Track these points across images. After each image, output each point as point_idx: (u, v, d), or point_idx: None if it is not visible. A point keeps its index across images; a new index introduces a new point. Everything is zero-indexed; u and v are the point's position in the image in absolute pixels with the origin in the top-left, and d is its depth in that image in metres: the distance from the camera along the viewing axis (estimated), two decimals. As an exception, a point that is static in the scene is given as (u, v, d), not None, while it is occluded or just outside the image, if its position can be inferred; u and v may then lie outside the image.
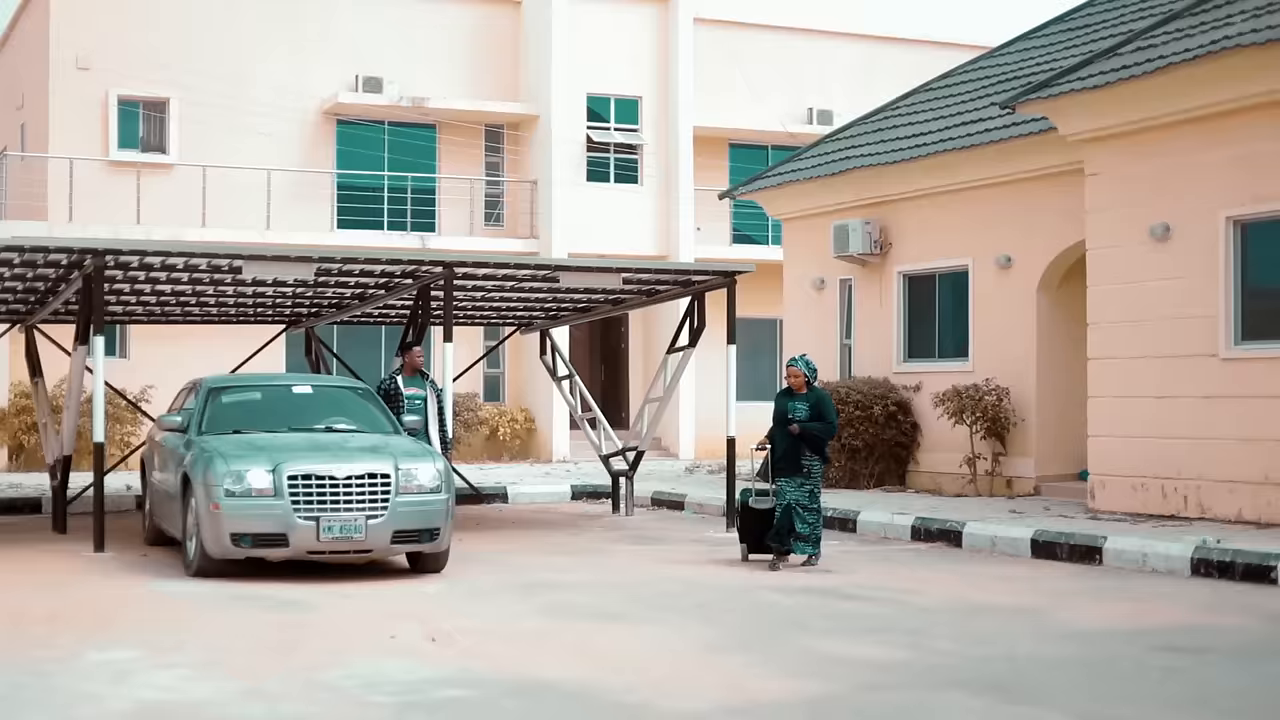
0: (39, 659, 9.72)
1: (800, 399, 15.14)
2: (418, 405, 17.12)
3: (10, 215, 30.31)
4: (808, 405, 15.08)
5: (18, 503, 21.01)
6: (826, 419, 15.13)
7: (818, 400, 15.18)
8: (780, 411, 15.17)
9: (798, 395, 15.18)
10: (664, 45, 33.87)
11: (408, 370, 17.38)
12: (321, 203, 32.23)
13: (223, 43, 31.45)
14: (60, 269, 16.79)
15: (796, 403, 15.11)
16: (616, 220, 33.32)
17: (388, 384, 17.35)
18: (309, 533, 13.44)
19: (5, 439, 27.99)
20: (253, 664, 9.65)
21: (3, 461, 28.25)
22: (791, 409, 15.07)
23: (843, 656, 10.00)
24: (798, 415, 15.00)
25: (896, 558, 15.78)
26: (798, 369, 15.26)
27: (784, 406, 15.17)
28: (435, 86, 33.01)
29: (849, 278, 24.07)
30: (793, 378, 15.27)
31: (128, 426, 26.79)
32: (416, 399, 17.18)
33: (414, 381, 17.39)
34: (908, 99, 25.52)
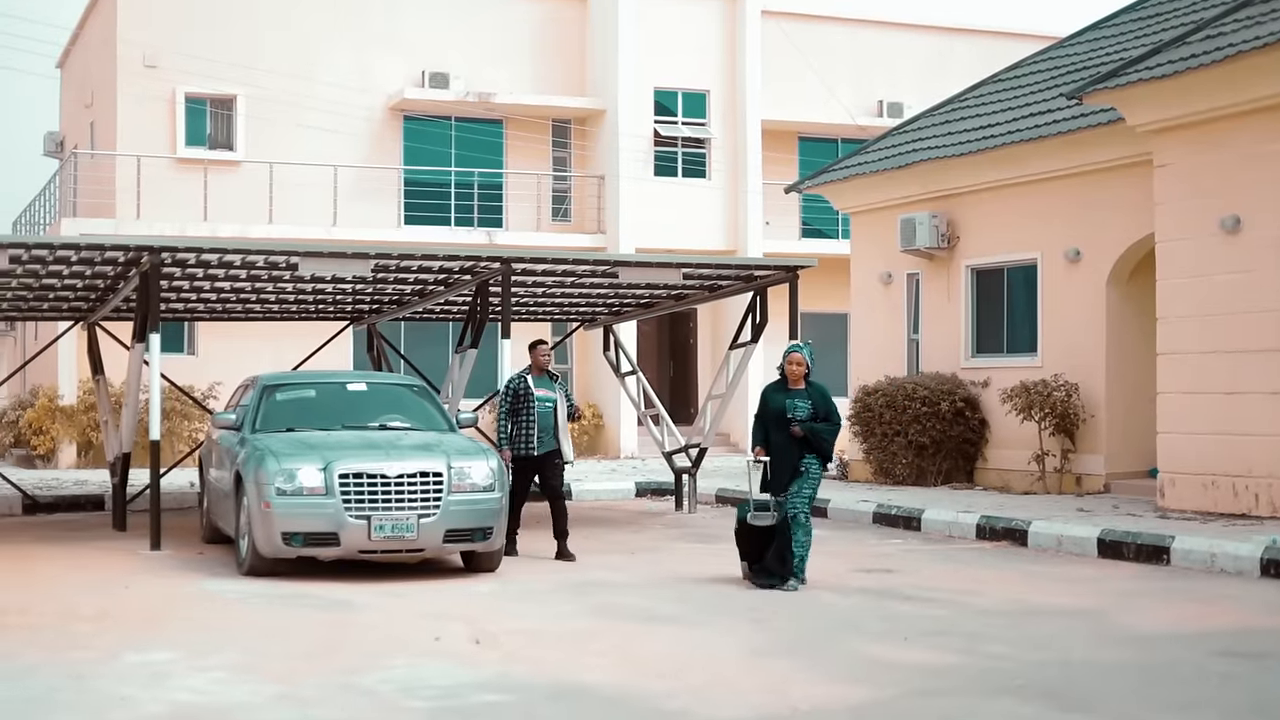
0: (78, 660, 9.69)
1: (799, 395, 13.20)
2: (547, 409, 15.53)
3: (80, 213, 30.50)
4: (810, 402, 13.16)
5: (81, 500, 21.09)
6: (832, 418, 13.23)
7: (821, 396, 13.27)
8: (776, 410, 13.19)
9: (796, 391, 13.25)
10: (731, 38, 33.63)
11: (536, 369, 15.75)
12: (388, 199, 32.26)
13: (289, 40, 31.58)
14: (118, 267, 16.82)
15: (796, 399, 13.17)
16: (684, 215, 33.14)
17: (517, 383, 15.65)
18: (360, 532, 13.33)
19: (74, 435, 28.19)
20: (291, 666, 9.56)
21: (71, 458, 28.46)
22: (791, 407, 13.11)
23: (893, 661, 9.79)
24: (799, 414, 13.08)
25: (959, 557, 15.52)
26: (801, 356, 13.31)
27: (780, 404, 13.18)
28: (502, 81, 33.00)
29: (916, 272, 23.83)
30: (793, 367, 13.26)
31: (195, 423, 26.90)
32: (546, 402, 15.56)
33: (544, 382, 15.73)
34: (976, 90, 25.22)
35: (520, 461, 15.36)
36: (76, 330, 21.89)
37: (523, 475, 15.48)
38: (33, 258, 16.08)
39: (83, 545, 16.49)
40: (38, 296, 18.98)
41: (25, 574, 14.07)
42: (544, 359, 15.82)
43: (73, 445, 28.49)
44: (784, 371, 13.37)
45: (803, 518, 13.10)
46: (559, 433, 15.53)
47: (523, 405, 15.45)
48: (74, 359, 27.71)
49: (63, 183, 32.06)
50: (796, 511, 13.11)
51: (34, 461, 28.42)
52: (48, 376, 30.15)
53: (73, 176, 31.37)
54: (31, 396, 29.93)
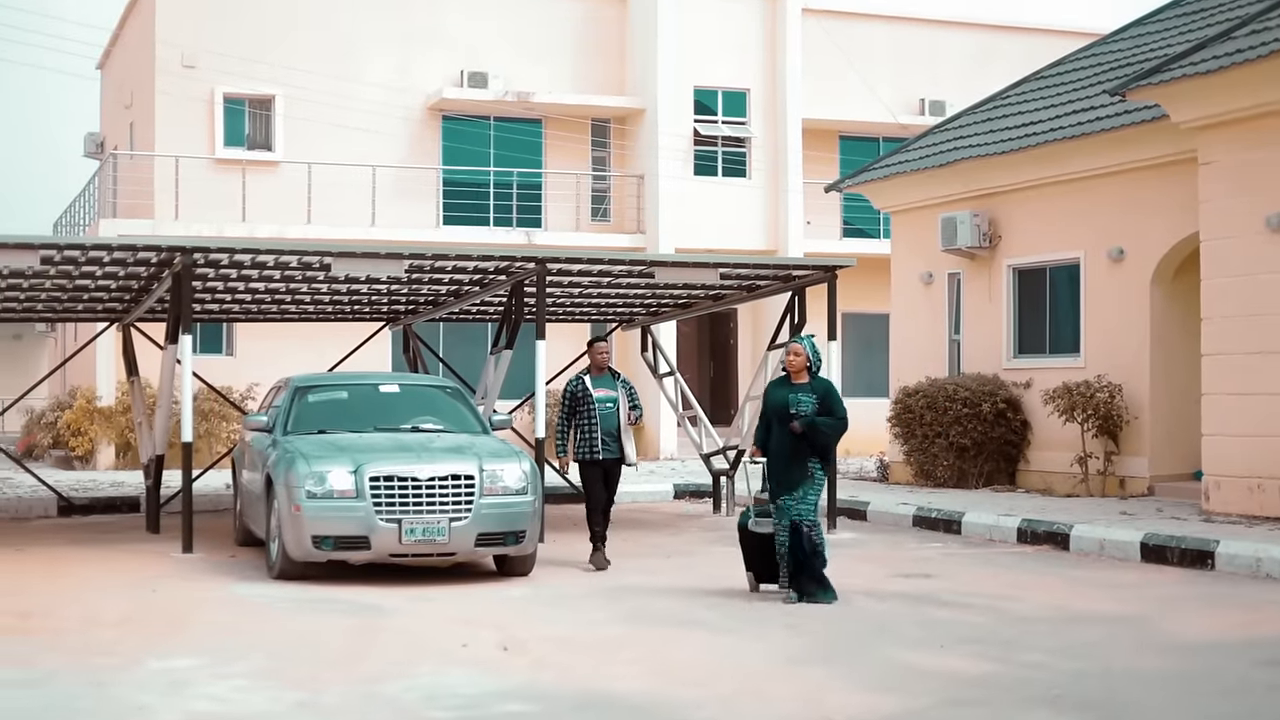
0: (99, 666, 9.60)
1: (803, 389, 12.53)
2: (609, 410, 14.81)
3: (120, 214, 30.53)
4: (814, 398, 12.49)
5: (117, 502, 21.06)
6: (836, 413, 12.53)
7: (825, 391, 12.57)
8: (778, 405, 12.53)
9: (799, 385, 12.61)
10: (772, 36, 33.42)
11: (594, 369, 15.08)
12: (427, 199, 32.17)
13: (327, 40, 31.53)
14: (151, 268, 16.77)
15: (799, 394, 12.50)
16: (724, 214, 32.94)
17: (575, 386, 14.93)
18: (391, 535, 13.21)
19: (112, 437, 28.19)
20: (315, 674, 9.44)
21: (110, 459, 28.46)
22: (793, 402, 12.45)
23: (929, 669, 9.62)
24: (802, 409, 12.41)
25: (1000, 561, 15.31)
26: (801, 348, 12.64)
27: (782, 399, 12.53)
28: (541, 81, 32.88)
29: (957, 271, 23.58)
30: (792, 358, 12.61)
31: (233, 424, 26.86)
32: (608, 403, 14.80)
33: (604, 381, 14.98)
34: (1018, 88, 24.97)
35: (586, 467, 14.83)
36: (114, 331, 21.86)
37: (592, 479, 14.85)
38: (65, 259, 16.03)
39: (114, 548, 16.44)
40: (72, 297, 18.94)
41: (54, 577, 14.03)
42: (601, 357, 15.12)
43: (111, 446, 28.49)
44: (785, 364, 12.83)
45: (806, 527, 12.44)
46: (620, 434, 14.84)
47: (582, 408, 14.77)
48: (112, 360, 27.70)
49: (102, 183, 32.09)
50: (802, 519, 12.43)
51: (72, 463, 28.43)
52: (86, 378, 30.18)
53: (112, 177, 31.38)
54: (70, 398, 29.95)
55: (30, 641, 10.51)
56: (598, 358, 15.07)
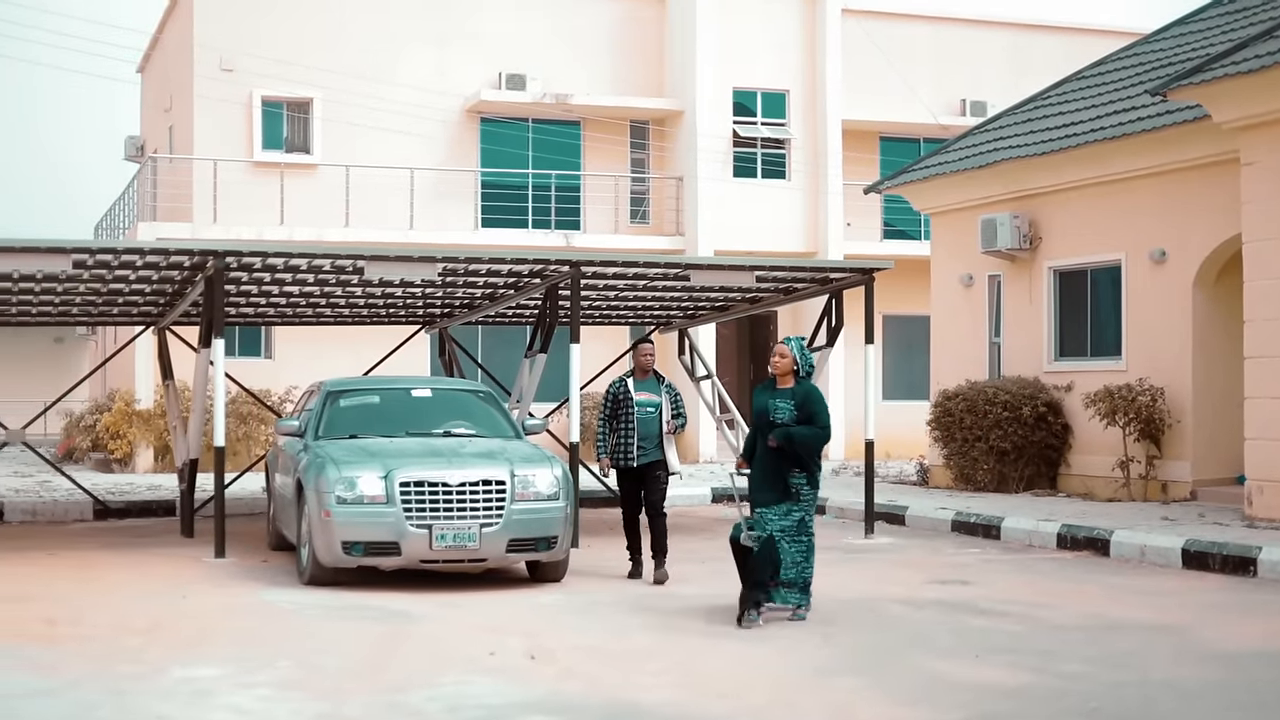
0: (122, 675, 9.52)
1: (783, 394, 11.72)
2: (649, 415, 14.24)
3: (159, 217, 30.56)
4: (792, 403, 11.65)
5: (153, 505, 21.05)
6: (816, 421, 11.67)
7: (805, 397, 11.68)
8: (759, 412, 11.81)
9: (780, 391, 11.78)
10: (811, 37, 33.21)
11: (639, 371, 14.48)
12: (465, 202, 32.09)
13: (365, 42, 31.48)
14: (185, 271, 16.74)
15: (778, 400, 11.71)
16: (764, 217, 32.73)
17: (617, 388, 14.40)
18: (421, 541, 13.11)
19: (151, 440, 28.21)
20: (339, 683, 9.34)
21: (149, 462, 28.48)
22: (772, 408, 11.69)
23: (962, 680, 9.46)
24: (780, 416, 11.64)
25: (1038, 568, 15.13)
26: (787, 349, 11.84)
27: (763, 404, 11.79)
28: (579, 83, 32.76)
29: (998, 273, 23.40)
30: (779, 359, 11.83)
31: (271, 428, 26.83)
32: (648, 407, 14.23)
33: (647, 385, 14.36)
34: (1059, 88, 24.76)
35: (620, 473, 14.43)
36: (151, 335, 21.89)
37: (626, 486, 14.41)
38: (98, 263, 16.00)
39: (147, 552, 16.40)
40: (107, 301, 18.95)
41: (85, 582, 13.98)
42: (645, 359, 14.48)
43: (150, 450, 28.51)
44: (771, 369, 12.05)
45: (787, 543, 11.67)
46: (664, 441, 14.30)
47: (622, 411, 14.28)
48: (150, 363, 27.72)
49: (141, 187, 32.13)
50: (782, 536, 11.66)
51: (111, 466, 28.48)
52: (126, 380, 30.22)
53: (151, 180, 31.43)
54: (109, 400, 30.00)
55: (55, 648, 10.43)
56: (642, 359, 14.52)
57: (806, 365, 11.86)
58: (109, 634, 11.03)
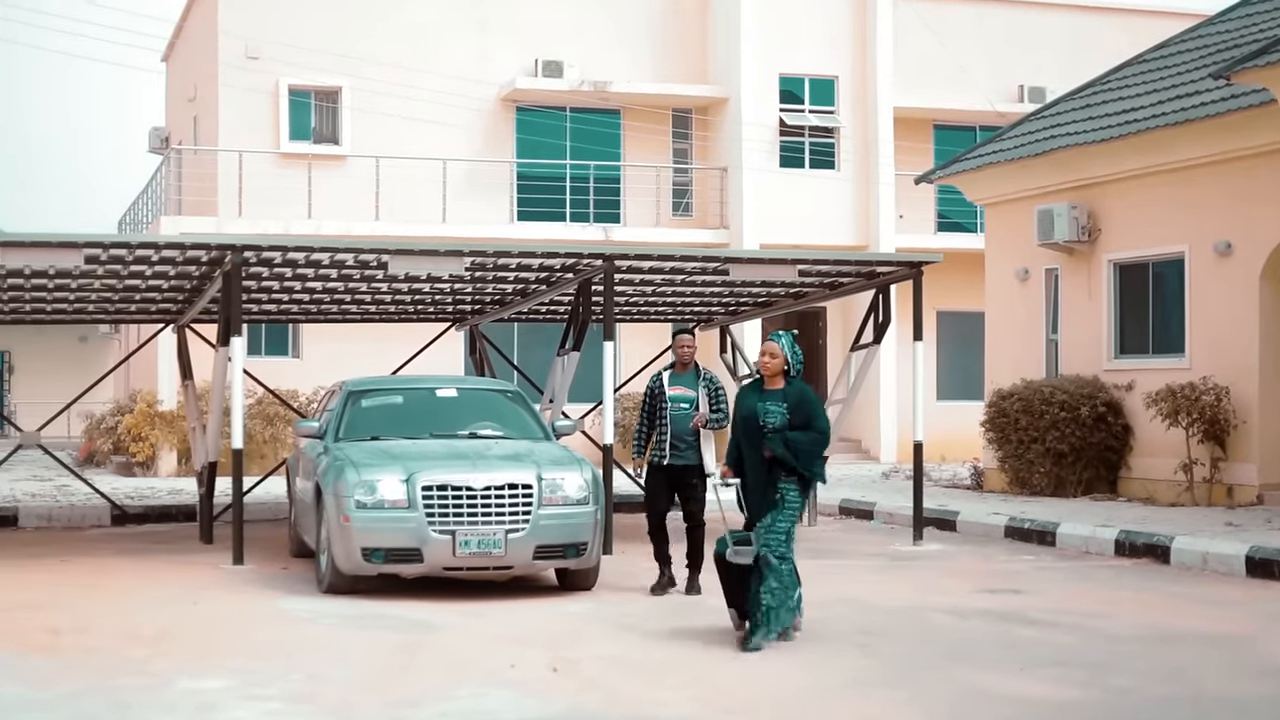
0: (125, 686, 9.24)
1: (773, 396, 10.88)
2: (683, 411, 13.21)
3: (184, 210, 30.23)
4: (784, 406, 10.80)
5: (172, 510, 20.73)
6: (814, 426, 10.86)
7: (799, 398, 10.87)
8: (746, 415, 10.91)
9: (770, 392, 10.95)
10: (861, 21, 32.58)
11: (678, 365, 13.48)
12: (500, 194, 31.61)
13: (395, 29, 31.01)
14: (203, 266, 16.34)
15: (768, 402, 10.84)
16: (812, 209, 32.15)
17: (654, 383, 13.42)
18: (444, 547, 12.66)
19: (174, 442, 27.83)
20: (350, 696, 9.03)
21: (171, 466, 28.10)
22: (761, 411, 10.81)
23: (1005, 694, 9.10)
24: (770, 421, 10.78)
25: (1094, 576, 14.66)
26: (777, 347, 10.95)
27: (751, 407, 10.88)
28: (618, 69, 32.20)
29: (1055, 267, 22.87)
30: (769, 359, 10.96)
31: (299, 429, 26.44)
32: (682, 403, 13.22)
33: (683, 379, 13.36)
34: (1118, 72, 24.17)
35: (651, 472, 13.50)
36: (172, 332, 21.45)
37: (656, 487, 13.37)
38: (111, 258, 15.61)
39: (162, 559, 16.04)
40: (124, 298, 18.63)
41: (96, 589, 13.64)
42: (683, 350, 13.42)
43: (173, 452, 28.17)
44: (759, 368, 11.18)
45: (775, 559, 10.72)
46: (702, 439, 13.23)
47: (659, 408, 13.29)
48: (172, 363, 27.31)
49: (165, 179, 31.80)
50: (767, 552, 10.69)
51: (133, 469, 28.12)
52: (148, 381, 29.85)
53: (176, 173, 31.11)
54: (131, 402, 29.61)
55: (57, 659, 10.17)
56: (679, 351, 13.48)
57: (797, 363, 10.99)
58: (115, 644, 10.76)
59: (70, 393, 23.41)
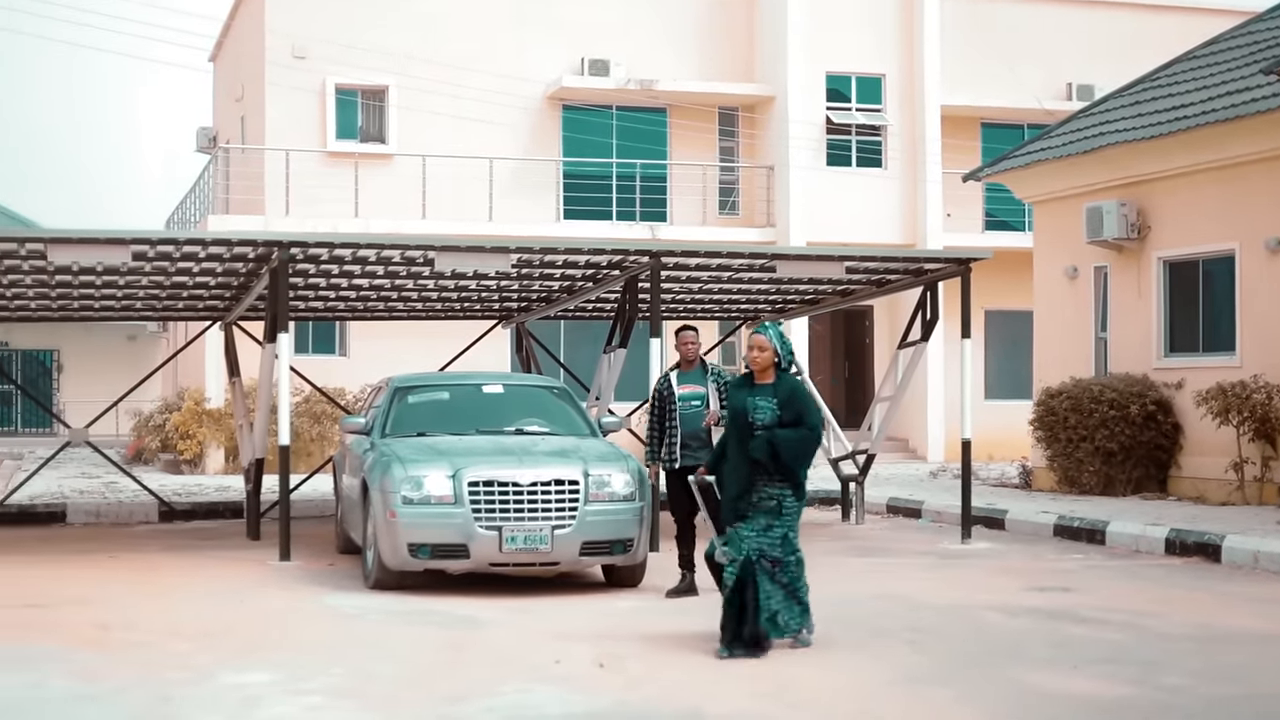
0: (170, 681, 9.24)
1: (762, 392, 10.31)
2: (694, 410, 12.85)
3: (232, 210, 30.27)
4: (774, 402, 10.22)
5: (219, 507, 20.78)
6: (805, 422, 10.26)
7: (790, 394, 10.29)
8: (737, 411, 10.36)
9: (759, 387, 10.36)
10: (909, 19, 32.32)
11: (683, 363, 13.11)
12: (546, 192, 31.52)
13: (442, 27, 30.94)
14: (249, 263, 16.35)
15: (757, 398, 10.27)
16: (859, 207, 31.92)
17: (662, 383, 13.10)
18: (490, 543, 12.62)
19: (222, 440, 27.86)
20: (395, 691, 9.00)
21: (219, 463, 28.13)
22: (751, 407, 10.24)
23: (1056, 692, 9.00)
24: (760, 417, 10.21)
25: (1145, 574, 14.51)
26: (765, 340, 10.34)
27: (740, 403, 10.32)
28: (665, 68, 32.05)
29: (1104, 265, 22.64)
30: (757, 353, 10.34)
31: (346, 428, 26.44)
32: (692, 401, 12.84)
33: (691, 377, 12.96)
34: (1168, 69, 23.88)
35: (669, 476, 13.23)
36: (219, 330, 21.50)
37: (675, 492, 13.02)
38: (159, 254, 15.63)
39: (210, 555, 16.06)
40: (171, 295, 18.68)
41: (143, 585, 13.67)
42: (686, 347, 13.07)
43: (220, 450, 28.19)
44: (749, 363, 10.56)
45: (768, 563, 10.20)
46: (713, 438, 12.59)
47: (668, 409, 13.01)
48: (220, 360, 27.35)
49: (213, 179, 31.86)
50: (761, 556, 10.18)
51: (180, 467, 28.17)
52: (196, 379, 29.92)
53: (223, 172, 31.16)
54: (179, 399, 29.67)
55: (105, 653, 10.17)
56: (682, 348, 13.10)
57: (788, 355, 10.40)
58: (161, 639, 10.78)
59: (118, 391, 23.48)
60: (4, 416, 48.92)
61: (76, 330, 45.17)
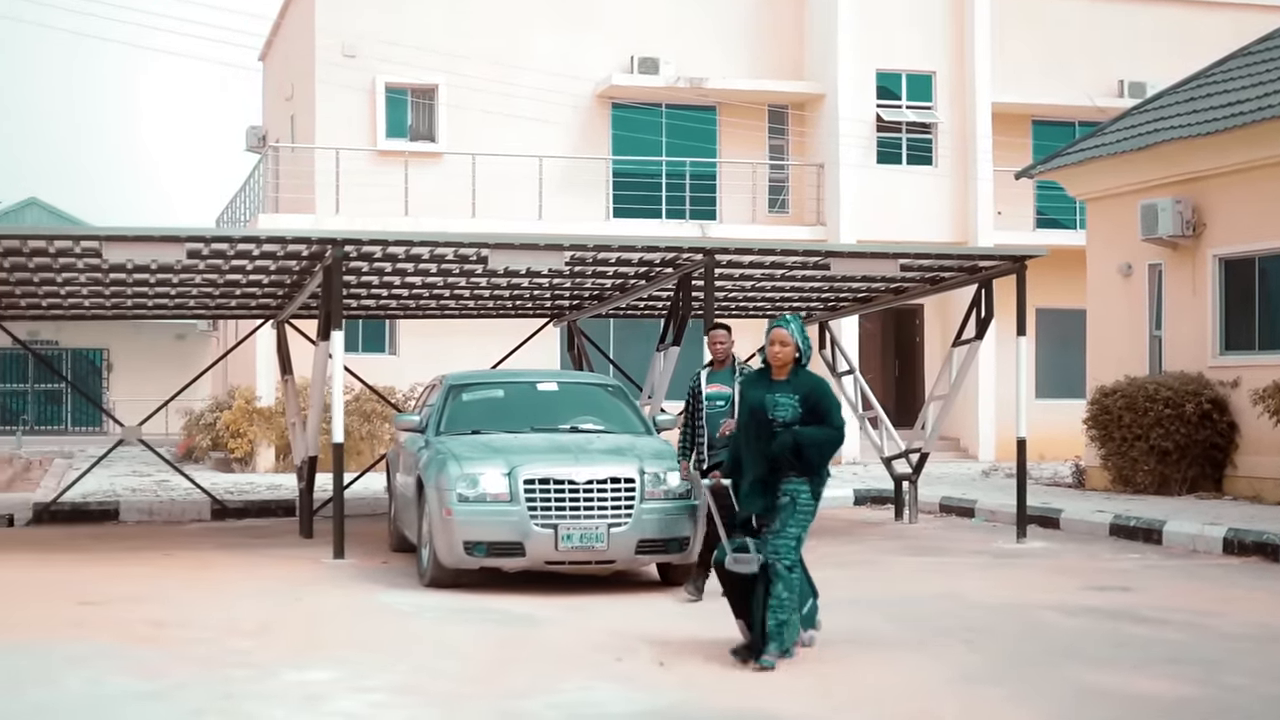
0: (231, 678, 9.24)
1: (782, 387, 9.81)
2: (719, 409, 12.57)
3: (281, 208, 30.30)
4: (795, 399, 9.72)
5: (271, 505, 20.78)
6: (829, 421, 9.74)
7: (812, 390, 9.77)
8: (755, 408, 9.84)
9: (779, 383, 9.85)
10: (959, 16, 32.06)
11: (714, 363, 12.88)
12: (596, 191, 31.42)
13: (492, 26, 30.88)
14: (303, 261, 16.33)
15: (777, 394, 9.77)
16: (909, 205, 31.70)
17: (693, 382, 12.84)
18: (546, 541, 12.57)
19: (272, 438, 27.87)
20: (456, 688, 8.99)
21: (270, 461, 28.16)
22: (770, 404, 9.75)
23: (1117, 692, 8.94)
24: (781, 414, 9.72)
25: (1203, 574, 14.36)
26: (787, 334, 9.82)
27: (759, 399, 9.80)
28: (714, 66, 31.88)
29: (1158, 262, 22.41)
30: (779, 348, 9.83)
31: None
32: (718, 400, 12.57)
33: (720, 377, 12.67)
34: (1223, 65, 23.63)
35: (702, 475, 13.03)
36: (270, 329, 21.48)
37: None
38: (213, 252, 15.63)
39: (264, 553, 16.07)
40: (224, 294, 18.69)
41: (198, 583, 13.69)
42: (715, 346, 12.82)
43: (271, 448, 28.17)
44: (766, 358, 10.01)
45: (782, 568, 9.68)
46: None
47: (697, 407, 12.74)
48: (271, 359, 27.30)
49: (263, 177, 31.87)
50: (776, 560, 9.68)
51: (231, 465, 28.16)
52: (246, 377, 29.95)
53: (273, 171, 31.14)
54: (229, 398, 29.71)
55: (162, 650, 10.18)
56: (712, 347, 12.88)
57: (806, 349, 9.89)
58: (218, 636, 10.78)
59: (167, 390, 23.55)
60: (53, 415, 49.16)
61: (125, 329, 45.36)
